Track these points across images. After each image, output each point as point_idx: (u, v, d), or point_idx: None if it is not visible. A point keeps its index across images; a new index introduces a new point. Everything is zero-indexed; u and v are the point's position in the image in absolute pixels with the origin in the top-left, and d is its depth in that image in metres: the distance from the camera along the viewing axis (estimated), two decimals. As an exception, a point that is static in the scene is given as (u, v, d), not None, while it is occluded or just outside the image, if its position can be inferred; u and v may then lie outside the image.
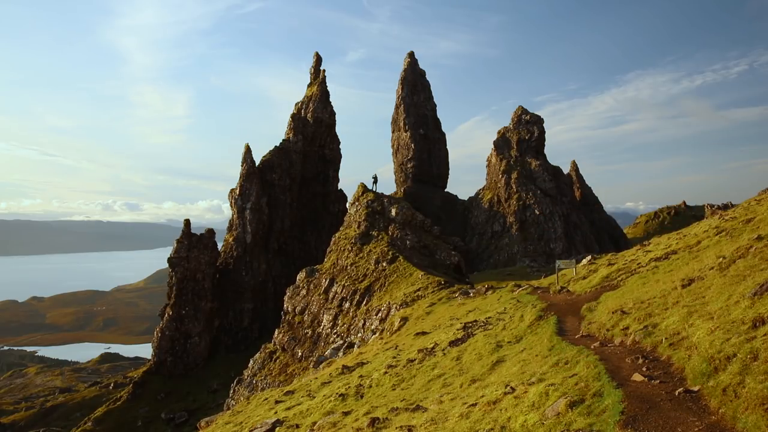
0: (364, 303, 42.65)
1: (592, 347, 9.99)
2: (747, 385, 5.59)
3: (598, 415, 6.38)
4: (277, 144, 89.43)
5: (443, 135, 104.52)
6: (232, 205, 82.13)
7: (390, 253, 45.88)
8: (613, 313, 12.03)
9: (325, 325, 44.49)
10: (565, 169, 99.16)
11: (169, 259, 73.87)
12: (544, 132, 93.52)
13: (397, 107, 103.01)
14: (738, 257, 11.87)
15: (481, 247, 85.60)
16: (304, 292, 50.05)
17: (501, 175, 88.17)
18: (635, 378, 7.46)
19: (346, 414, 12.34)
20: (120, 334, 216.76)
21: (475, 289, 33.03)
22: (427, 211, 77.31)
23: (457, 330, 19.21)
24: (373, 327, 36.93)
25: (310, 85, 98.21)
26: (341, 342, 38.00)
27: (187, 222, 76.28)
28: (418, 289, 37.84)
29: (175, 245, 74.64)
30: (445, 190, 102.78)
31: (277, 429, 13.39)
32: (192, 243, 74.60)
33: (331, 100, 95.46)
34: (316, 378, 22.40)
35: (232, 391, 47.72)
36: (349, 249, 49.68)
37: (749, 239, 13.20)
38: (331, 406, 14.00)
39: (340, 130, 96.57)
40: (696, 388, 6.47)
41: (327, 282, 48.05)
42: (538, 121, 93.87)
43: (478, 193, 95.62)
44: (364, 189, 57.22)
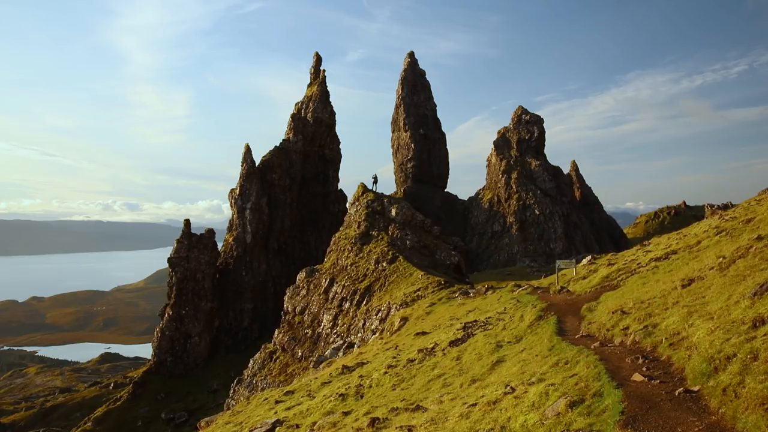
0: (364, 303, 42.65)
1: (592, 347, 9.99)
2: (747, 385, 5.59)
3: (598, 415, 6.38)
4: (277, 144, 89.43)
5: (443, 135, 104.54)
6: (232, 205, 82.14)
7: (390, 253, 45.88)
8: (613, 313, 12.03)
9: (325, 325, 44.49)
10: (565, 169, 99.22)
11: (169, 259, 73.88)
12: (544, 132, 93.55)
13: (397, 107, 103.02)
14: (738, 257, 11.87)
15: (481, 247, 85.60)
16: (304, 292, 50.05)
17: (501, 175, 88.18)
18: (635, 378, 7.46)
19: (346, 414, 12.34)
20: (120, 334, 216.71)
21: (475, 289, 33.02)
22: (427, 211, 77.31)
23: (457, 330, 19.21)
24: (373, 327, 36.93)
25: (310, 85, 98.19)
26: (341, 342, 37.99)
27: (187, 222, 76.29)
28: (418, 289, 37.83)
29: (175, 245, 74.65)
30: (445, 190, 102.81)
31: (277, 429, 13.39)
32: (192, 243, 74.62)
33: (331, 100, 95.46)
34: (316, 378, 22.40)
35: (232, 391, 47.71)
36: (349, 249, 49.68)
37: (749, 239, 13.20)
38: (331, 406, 14.00)
39: (340, 130, 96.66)
40: (696, 388, 6.47)
41: (327, 282, 48.05)
42: (538, 121, 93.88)
43: (478, 193, 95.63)
44: (364, 189, 57.21)
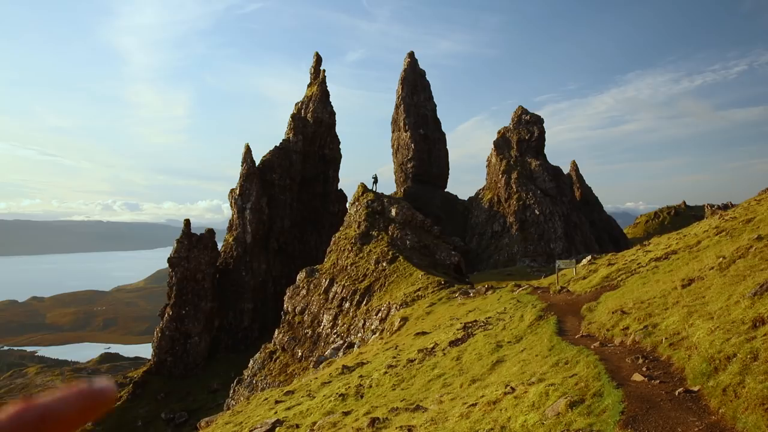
0: (364, 303, 42.64)
1: (592, 347, 9.99)
2: (747, 385, 5.59)
3: (598, 415, 6.38)
4: (277, 144, 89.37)
5: (443, 135, 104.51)
6: (232, 205, 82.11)
7: (390, 253, 45.87)
8: (613, 313, 12.04)
9: (325, 325, 44.48)
10: (565, 169, 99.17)
11: (169, 259, 73.87)
12: (544, 132, 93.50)
13: (397, 107, 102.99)
14: (738, 257, 11.87)
15: (481, 247, 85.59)
16: (304, 292, 50.04)
17: (501, 175, 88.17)
18: (635, 378, 7.46)
19: (346, 414, 12.34)
20: (120, 334, 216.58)
21: (475, 289, 33.02)
22: (427, 211, 77.28)
23: (457, 330, 19.20)
24: (373, 327, 36.93)
25: (310, 85, 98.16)
26: (341, 342, 37.99)
27: (187, 222, 76.25)
28: (418, 289, 37.83)
29: (175, 245, 74.63)
30: (445, 190, 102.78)
31: (277, 429, 13.39)
32: (192, 243, 74.60)
33: (331, 100, 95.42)
34: (316, 378, 22.40)
35: (232, 391, 47.69)
36: (349, 249, 49.67)
37: (749, 239, 13.20)
38: (331, 406, 14.00)
39: (340, 130, 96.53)
40: (696, 388, 6.47)
41: (327, 282, 48.04)
42: (538, 121, 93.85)
43: (478, 193, 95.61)
44: (364, 189, 57.20)
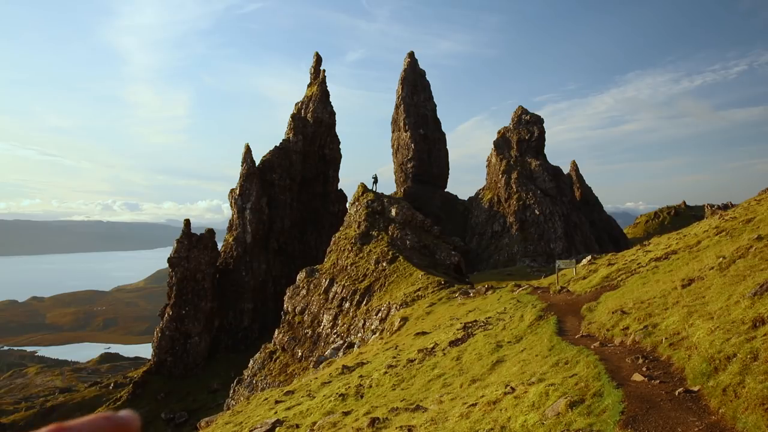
0: (364, 303, 42.65)
1: (592, 347, 9.99)
2: (747, 385, 5.59)
3: (598, 415, 6.38)
4: (277, 144, 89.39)
5: (443, 135, 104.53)
6: (232, 205, 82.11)
7: (390, 253, 45.87)
8: (613, 313, 12.04)
9: (325, 325, 44.48)
10: (565, 169, 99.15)
11: (169, 259, 73.86)
12: (544, 132, 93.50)
13: (397, 107, 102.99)
14: (738, 257, 11.87)
15: (481, 247, 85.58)
16: (304, 292, 50.04)
17: (501, 175, 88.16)
18: (635, 378, 7.46)
19: (346, 414, 12.34)
20: (120, 334, 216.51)
21: (475, 289, 33.02)
22: (427, 211, 77.29)
23: (457, 330, 19.20)
24: (373, 327, 36.93)
25: (310, 85, 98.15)
26: (341, 342, 37.98)
27: (187, 222, 76.25)
28: (418, 289, 37.83)
29: (175, 245, 74.63)
30: (445, 190, 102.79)
31: (277, 429, 13.39)
32: (192, 243, 74.59)
33: (331, 100, 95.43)
34: (316, 378, 22.40)
35: (232, 391, 47.69)
36: (349, 249, 49.67)
37: (749, 239, 13.20)
38: (331, 406, 14.00)
39: (340, 130, 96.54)
40: (696, 388, 6.47)
41: (327, 282, 48.04)
42: (538, 121, 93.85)
43: (478, 193, 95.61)
44: (364, 189, 57.20)
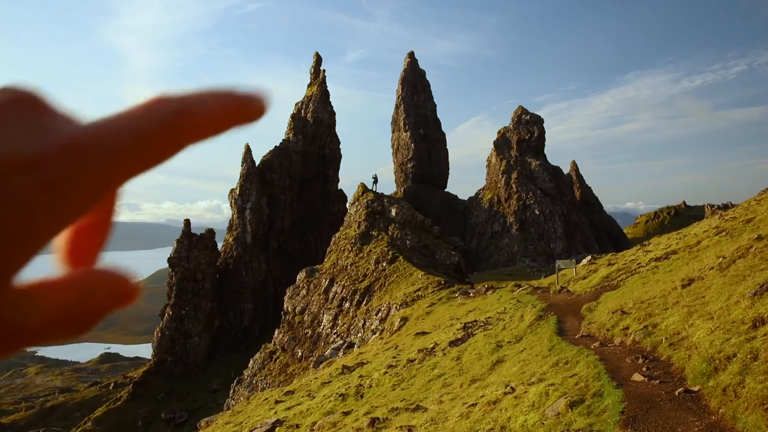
0: (364, 303, 42.65)
1: (592, 347, 9.99)
2: (747, 385, 5.59)
3: (598, 415, 6.38)
4: (277, 144, 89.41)
5: (443, 135, 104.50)
6: (232, 205, 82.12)
7: (390, 253, 45.88)
8: (613, 313, 12.04)
9: (325, 325, 44.49)
10: (565, 169, 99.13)
11: (169, 259, 73.87)
12: (544, 132, 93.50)
13: (397, 107, 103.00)
14: (738, 257, 11.87)
15: (481, 247, 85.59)
16: (304, 292, 50.05)
17: (501, 175, 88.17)
18: (635, 378, 7.46)
19: (346, 414, 12.34)
20: (120, 334, 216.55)
21: (475, 289, 33.02)
22: (427, 211, 77.29)
23: (457, 330, 19.21)
24: (373, 327, 36.93)
25: (310, 85, 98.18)
26: (341, 342, 37.99)
27: (187, 222, 76.24)
28: (418, 289, 37.84)
29: (175, 245, 74.63)
30: (445, 190, 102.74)
31: (277, 429, 13.39)
32: (192, 243, 74.60)
33: (331, 100, 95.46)
34: (316, 378, 22.40)
35: (232, 391, 47.69)
36: (349, 249, 49.68)
37: (749, 239, 13.20)
38: (331, 406, 14.00)
39: (340, 130, 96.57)
40: (696, 388, 6.47)
41: (327, 282, 48.04)
42: (538, 121, 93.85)
43: (478, 193, 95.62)
44: (364, 189, 57.20)
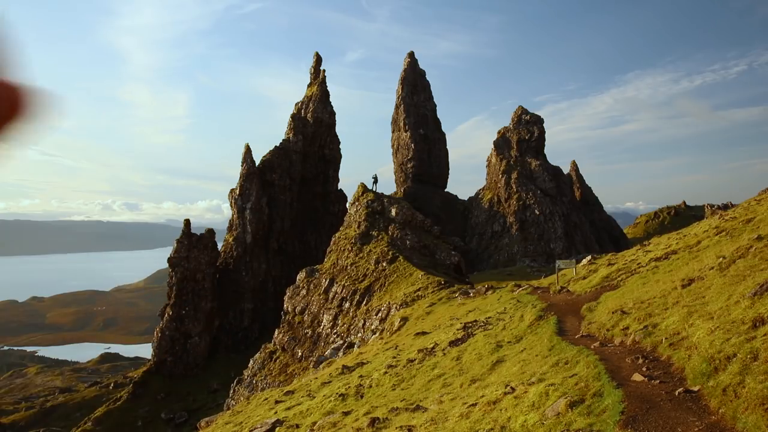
0: (364, 303, 42.65)
1: (592, 347, 9.99)
2: (747, 385, 5.59)
3: (598, 415, 6.37)
4: (277, 144, 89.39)
5: (443, 135, 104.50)
6: (232, 205, 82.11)
7: (390, 253, 45.87)
8: (613, 313, 12.04)
9: (325, 325, 44.48)
10: (565, 169, 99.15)
11: (169, 259, 73.87)
12: (544, 132, 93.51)
13: (397, 107, 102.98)
14: (738, 257, 11.87)
15: (481, 247, 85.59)
16: (304, 292, 50.04)
17: (501, 175, 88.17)
18: (635, 378, 7.46)
19: (346, 414, 12.34)
20: (120, 334, 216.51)
21: (475, 289, 33.02)
22: (427, 211, 77.30)
23: (457, 330, 19.20)
24: (373, 327, 36.93)
25: (310, 85, 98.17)
26: (341, 342, 37.99)
27: (187, 222, 76.24)
28: (418, 289, 37.84)
29: (175, 245, 74.62)
30: (445, 190, 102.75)
31: (277, 429, 13.39)
32: (192, 243, 74.59)
33: (331, 100, 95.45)
34: (316, 378, 22.40)
35: (232, 391, 47.69)
36: (349, 249, 49.67)
37: (749, 239, 13.20)
38: (331, 406, 14.00)
39: (340, 130, 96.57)
40: (696, 388, 6.47)
41: (327, 282, 48.04)
42: (538, 121, 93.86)
43: (478, 193, 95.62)
44: (364, 189, 57.21)
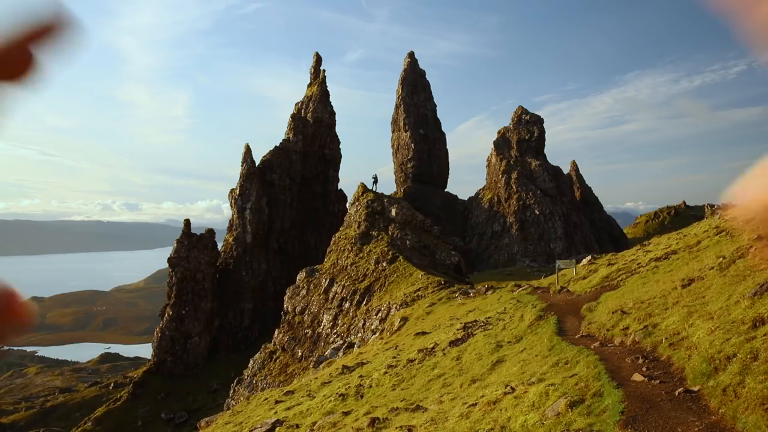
0: (364, 303, 42.64)
1: (592, 347, 9.99)
2: (747, 385, 5.59)
3: (598, 415, 6.37)
4: (277, 144, 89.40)
5: (443, 135, 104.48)
6: (232, 205, 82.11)
7: (390, 253, 45.87)
8: (613, 313, 12.04)
9: (325, 325, 44.48)
10: (565, 169, 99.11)
11: (169, 259, 73.86)
12: (544, 132, 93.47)
13: (397, 107, 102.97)
14: (738, 257, 11.87)
15: (481, 247, 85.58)
16: (304, 292, 50.04)
17: (501, 175, 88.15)
18: (635, 378, 7.46)
19: (346, 414, 12.34)
20: (120, 334, 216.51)
21: (475, 289, 33.02)
22: (427, 211, 77.29)
23: (457, 330, 19.20)
24: (373, 327, 36.93)
25: (310, 85, 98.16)
26: (341, 342, 37.98)
27: (187, 222, 76.24)
28: (418, 289, 37.83)
29: (175, 245, 74.62)
30: (445, 190, 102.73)
31: (277, 429, 13.39)
32: (192, 243, 74.59)
33: (331, 100, 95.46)
34: (316, 378, 22.40)
35: (232, 391, 47.69)
36: (349, 249, 49.67)
37: (749, 239, 13.20)
38: (331, 406, 14.00)
39: (340, 130, 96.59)
40: (696, 388, 6.47)
41: (327, 282, 48.04)
42: (538, 121, 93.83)
43: (478, 193, 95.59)
44: (364, 189, 57.20)
